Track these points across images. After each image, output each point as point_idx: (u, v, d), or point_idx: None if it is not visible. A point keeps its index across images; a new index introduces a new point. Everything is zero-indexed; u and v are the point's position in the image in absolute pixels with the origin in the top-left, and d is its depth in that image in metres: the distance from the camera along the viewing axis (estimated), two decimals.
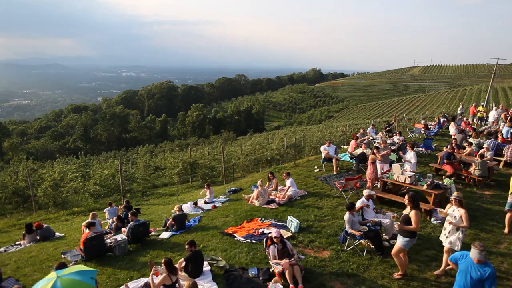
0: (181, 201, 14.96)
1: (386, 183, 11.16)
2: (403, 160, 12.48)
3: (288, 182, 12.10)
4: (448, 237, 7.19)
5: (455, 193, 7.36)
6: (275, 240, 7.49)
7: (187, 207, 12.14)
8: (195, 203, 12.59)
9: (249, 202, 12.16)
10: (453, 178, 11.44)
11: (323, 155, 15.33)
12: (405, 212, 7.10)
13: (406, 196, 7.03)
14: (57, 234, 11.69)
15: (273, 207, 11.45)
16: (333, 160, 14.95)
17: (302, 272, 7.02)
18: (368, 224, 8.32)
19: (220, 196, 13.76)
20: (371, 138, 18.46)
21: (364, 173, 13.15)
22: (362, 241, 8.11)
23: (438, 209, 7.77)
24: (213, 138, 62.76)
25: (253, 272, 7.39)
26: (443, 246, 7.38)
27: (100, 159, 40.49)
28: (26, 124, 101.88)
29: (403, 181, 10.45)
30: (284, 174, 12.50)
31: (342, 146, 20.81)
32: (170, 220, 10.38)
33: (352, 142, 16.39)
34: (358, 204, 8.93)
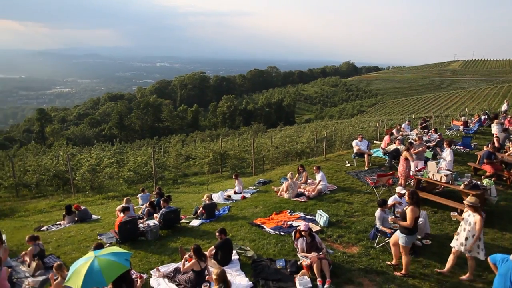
0: (211, 190, 15.20)
1: (420, 181, 10.82)
2: (438, 157, 12.03)
3: (318, 176, 12.00)
4: (464, 243, 6.67)
5: (468, 198, 6.77)
6: (303, 233, 7.48)
7: (217, 197, 12.34)
8: (226, 194, 12.77)
9: (278, 194, 12.18)
10: (493, 179, 10.91)
11: (354, 150, 15.06)
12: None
13: (406, 192, 6.93)
14: (93, 216, 12.24)
15: (303, 200, 11.42)
16: (365, 156, 14.66)
17: (330, 266, 6.98)
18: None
19: (249, 187, 13.87)
20: (405, 134, 17.92)
21: (397, 170, 12.82)
22: None
23: (452, 213, 7.39)
24: (243, 130, 63.14)
25: (280, 263, 7.43)
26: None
27: (133, 146, 41.77)
28: (66, 111, 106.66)
29: (438, 180, 10.08)
30: (314, 168, 12.41)
31: (374, 142, 20.35)
32: (200, 208, 10.59)
33: (386, 137, 15.97)
34: (390, 201, 8.73)
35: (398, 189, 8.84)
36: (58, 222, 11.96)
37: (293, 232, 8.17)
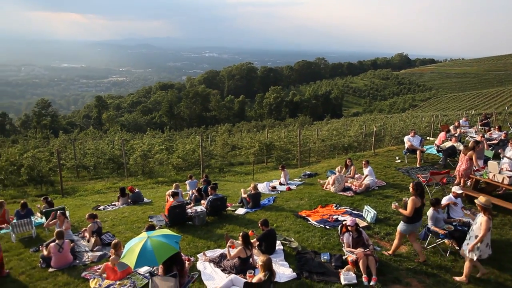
0: (256, 180, 15.35)
1: (479, 182, 10.14)
2: (501, 156, 11.16)
3: (366, 170, 11.69)
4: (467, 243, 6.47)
5: (479, 198, 6.45)
6: (350, 228, 7.34)
7: (262, 187, 12.44)
8: (271, 185, 12.85)
9: (324, 187, 12.04)
10: None
11: (406, 145, 14.43)
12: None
13: (411, 184, 7.09)
14: (145, 199, 12.89)
15: (349, 194, 11.20)
16: (417, 152, 14.00)
17: (377, 264, 6.81)
18: (454, 224, 7.71)
19: (295, 179, 13.83)
20: (463, 131, 16.85)
21: (452, 168, 12.12)
22: (446, 240, 7.54)
23: (465, 211, 7.15)
24: (289, 121, 62.84)
25: (325, 257, 7.37)
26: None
27: (182, 134, 43.19)
28: (121, 98, 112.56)
29: (500, 181, 9.38)
30: (363, 162, 12.08)
31: (427, 138, 19.38)
32: (246, 197, 10.75)
33: (442, 134, 15.09)
34: (444, 201, 8.29)
35: (455, 189, 8.35)
36: (113, 203, 12.76)
37: (339, 226, 8.06)
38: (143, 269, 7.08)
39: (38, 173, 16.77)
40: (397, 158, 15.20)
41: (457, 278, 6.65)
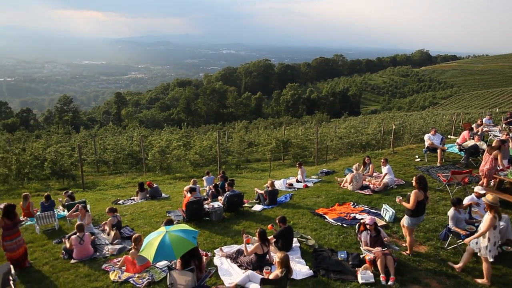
0: (273, 177, 15.35)
1: (503, 182, 9.84)
2: None
3: (385, 169, 11.52)
4: (484, 245, 6.35)
5: (487, 195, 6.44)
6: (368, 227, 7.26)
7: (279, 184, 12.43)
8: (288, 182, 12.83)
9: (342, 185, 11.94)
10: None
11: (426, 144, 14.13)
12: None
13: (414, 178, 7.22)
14: (163, 195, 13.07)
15: (367, 193, 11.07)
16: (438, 151, 13.70)
17: (395, 263, 6.71)
18: (476, 224, 7.51)
19: (312, 176, 13.76)
20: (486, 130, 16.38)
21: (475, 168, 11.82)
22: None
23: (474, 210, 7.21)
24: (306, 119, 62.45)
25: (342, 255, 7.32)
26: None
27: (199, 131, 43.54)
28: (139, 95, 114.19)
29: None
30: (382, 160, 11.92)
31: (449, 136, 18.92)
32: (263, 194, 10.76)
33: (465, 132, 14.69)
34: (466, 201, 8.10)
35: (478, 189, 8.14)
36: (132, 197, 13.01)
37: (357, 224, 7.98)
38: (161, 263, 7.19)
39: (60, 167, 17.25)
40: (416, 156, 14.91)
41: (479, 280, 6.49)
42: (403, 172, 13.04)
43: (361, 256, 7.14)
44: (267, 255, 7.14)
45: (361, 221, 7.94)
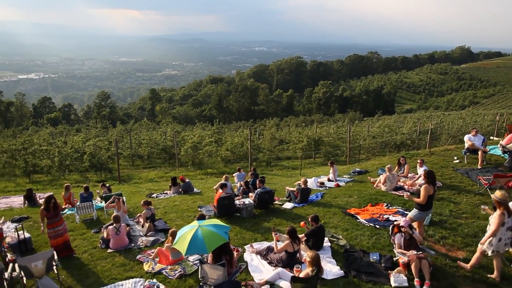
0: (304, 175, 15.25)
1: None
2: None
3: (421, 170, 11.16)
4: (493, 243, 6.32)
5: (496, 192, 6.40)
6: (403, 229, 7.05)
7: (310, 182, 12.32)
8: (319, 181, 12.70)
9: (375, 185, 11.67)
10: None
11: (466, 145, 13.51)
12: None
13: (423, 172, 7.51)
14: (194, 189, 13.32)
15: (401, 194, 10.73)
16: (479, 152, 13.05)
17: (431, 268, 6.48)
18: None
19: (344, 176, 13.54)
20: None
21: None
22: (511, 249, 6.99)
23: (483, 207, 7.24)
24: (338, 117, 61.46)
25: (374, 257, 7.16)
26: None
27: (231, 127, 43.96)
28: (173, 91, 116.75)
29: None
30: (418, 161, 11.57)
31: (491, 138, 18.00)
32: (295, 191, 10.72)
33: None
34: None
35: None
36: (165, 191, 13.36)
37: (391, 226, 7.77)
38: (193, 257, 7.35)
39: (98, 160, 17.99)
40: (455, 158, 14.29)
41: (491, 275, 6.44)
42: (440, 174, 12.54)
43: (395, 259, 6.96)
44: (298, 253, 7.12)
45: (395, 223, 7.73)
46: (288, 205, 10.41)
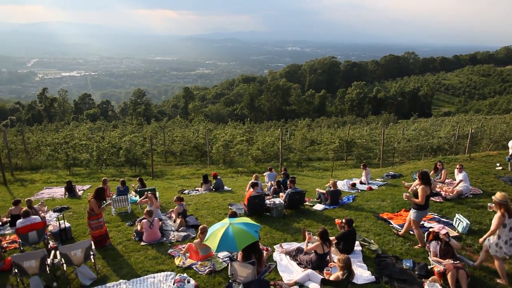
0: (335, 177, 15.03)
1: None
2: None
3: (460, 175, 10.68)
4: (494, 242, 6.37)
5: (496, 194, 6.48)
6: (441, 236, 6.77)
7: (341, 184, 12.15)
8: (351, 183, 12.47)
9: (410, 190, 11.27)
10: None
11: (510, 151, 12.81)
12: None
13: (417, 174, 7.56)
14: (225, 187, 13.47)
15: (438, 200, 10.36)
16: None
17: (468, 279, 6.20)
18: None
19: (377, 179, 13.24)
20: None
21: None
22: None
23: (490, 204, 7.48)
24: (372, 119, 60.02)
25: (407, 264, 6.95)
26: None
27: (262, 127, 44.05)
28: (205, 90, 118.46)
29: None
30: (457, 167, 11.08)
31: None
32: (325, 193, 10.59)
33: None
34: None
35: None
36: (196, 188, 13.60)
37: (426, 233, 7.50)
38: (222, 254, 7.43)
39: (133, 156, 18.59)
40: (498, 164, 13.59)
41: (498, 280, 6.43)
42: (480, 181, 11.99)
43: (429, 267, 6.71)
44: (328, 256, 7.03)
45: (430, 229, 7.46)
46: (318, 207, 10.30)
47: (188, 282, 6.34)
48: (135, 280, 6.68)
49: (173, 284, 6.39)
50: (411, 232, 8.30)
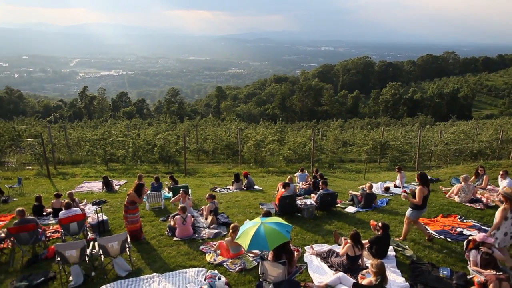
0: (368, 179, 14.70)
1: None
2: None
3: (504, 182, 10.16)
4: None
5: (505, 189, 6.83)
6: (484, 249, 6.41)
7: (375, 187, 11.85)
8: (385, 186, 12.15)
9: (447, 195, 10.87)
10: None
11: None
12: None
13: (416, 174, 7.92)
14: (255, 186, 13.51)
15: (478, 207, 9.88)
16: None
17: None
18: None
19: (412, 183, 12.81)
20: None
21: None
22: None
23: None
24: (407, 120, 58.10)
25: (444, 272, 6.68)
26: None
27: (293, 127, 43.81)
28: (238, 90, 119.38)
29: None
30: (501, 172, 10.54)
31: None
32: (359, 196, 10.38)
33: None
34: None
35: None
36: (227, 186, 13.74)
37: (465, 241, 7.16)
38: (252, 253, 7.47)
39: (167, 153, 19.07)
40: None
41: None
42: None
43: (469, 277, 6.41)
44: (360, 259, 6.89)
45: (470, 237, 7.12)
46: (351, 209, 10.11)
47: (219, 279, 6.42)
48: (167, 274, 6.85)
49: (204, 280, 6.49)
50: (449, 240, 7.99)
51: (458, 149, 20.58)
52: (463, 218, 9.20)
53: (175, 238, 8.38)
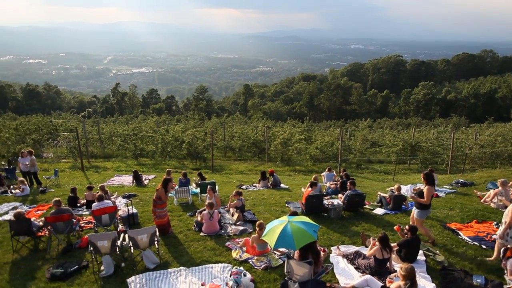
0: (397, 181, 14.35)
1: None
2: None
3: None
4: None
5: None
6: None
7: (404, 190, 11.57)
8: (415, 188, 11.80)
9: (482, 200, 10.43)
10: None
11: None
12: None
13: (422, 174, 7.91)
14: (282, 185, 13.48)
15: None
16: None
17: None
18: None
19: (444, 186, 12.40)
20: None
21: None
22: None
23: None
24: (439, 121, 56.11)
25: (478, 280, 6.41)
26: None
27: (321, 126, 43.32)
28: (265, 88, 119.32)
29: None
30: None
31: None
32: (387, 197, 10.15)
33: None
34: None
35: None
36: (254, 184, 13.80)
37: (503, 249, 6.86)
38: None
39: (195, 149, 19.37)
40: None
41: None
42: None
43: (505, 287, 6.13)
44: (388, 262, 6.73)
45: (508, 245, 6.81)
46: (379, 211, 9.90)
47: (245, 275, 6.46)
48: (194, 269, 6.97)
49: (230, 276, 6.55)
50: (484, 246, 7.68)
51: (495, 152, 19.68)
52: (499, 225, 8.79)
53: (201, 233, 8.51)
